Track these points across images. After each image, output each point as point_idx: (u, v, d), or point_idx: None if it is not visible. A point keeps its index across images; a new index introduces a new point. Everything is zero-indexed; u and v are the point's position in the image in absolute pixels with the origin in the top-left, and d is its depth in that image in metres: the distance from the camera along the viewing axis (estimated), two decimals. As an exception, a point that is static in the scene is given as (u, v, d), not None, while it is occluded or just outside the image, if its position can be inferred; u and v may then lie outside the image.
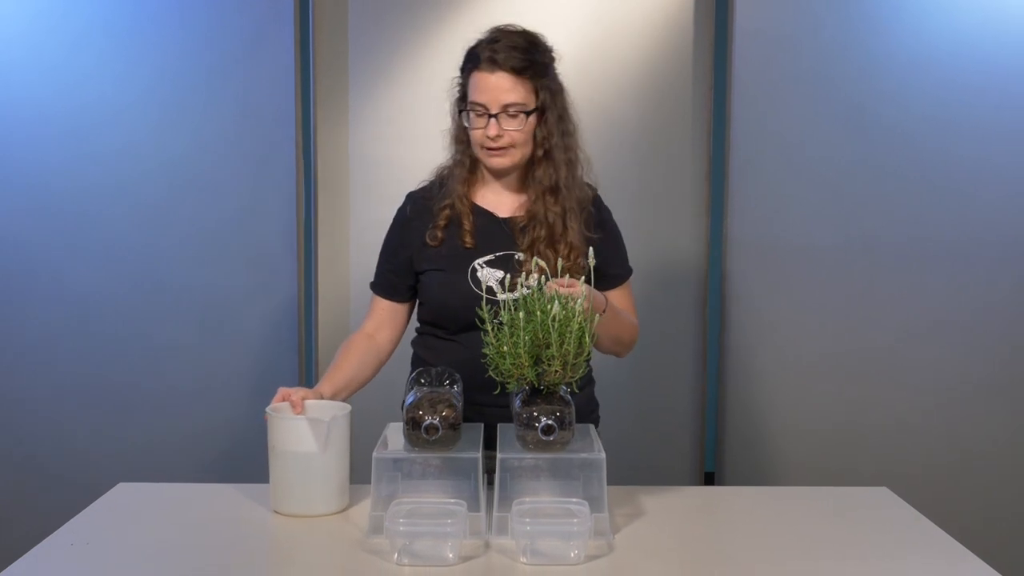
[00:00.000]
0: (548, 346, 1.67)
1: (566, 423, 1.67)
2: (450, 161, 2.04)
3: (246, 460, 2.85)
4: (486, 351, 1.71)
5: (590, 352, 1.70)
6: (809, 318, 2.89)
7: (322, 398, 1.87)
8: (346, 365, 1.97)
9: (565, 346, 1.67)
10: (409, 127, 2.93)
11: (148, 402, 2.95)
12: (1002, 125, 2.78)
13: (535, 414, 1.67)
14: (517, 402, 1.72)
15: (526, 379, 1.69)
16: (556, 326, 1.66)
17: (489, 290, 1.94)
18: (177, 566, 1.59)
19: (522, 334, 1.66)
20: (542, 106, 1.95)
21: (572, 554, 1.58)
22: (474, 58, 1.95)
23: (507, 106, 1.91)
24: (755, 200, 2.91)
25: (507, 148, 1.93)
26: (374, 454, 1.71)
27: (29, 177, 2.89)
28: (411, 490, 1.70)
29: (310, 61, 2.90)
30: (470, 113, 1.94)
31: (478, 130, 1.93)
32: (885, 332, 2.85)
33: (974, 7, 2.77)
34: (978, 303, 2.81)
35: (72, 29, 2.86)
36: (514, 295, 1.88)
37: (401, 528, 1.58)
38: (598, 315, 1.72)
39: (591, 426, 1.84)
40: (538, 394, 1.70)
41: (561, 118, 1.98)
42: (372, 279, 2.10)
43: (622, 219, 2.87)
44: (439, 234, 1.98)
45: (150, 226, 2.91)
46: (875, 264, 2.85)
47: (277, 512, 1.80)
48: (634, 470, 2.87)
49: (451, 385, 1.80)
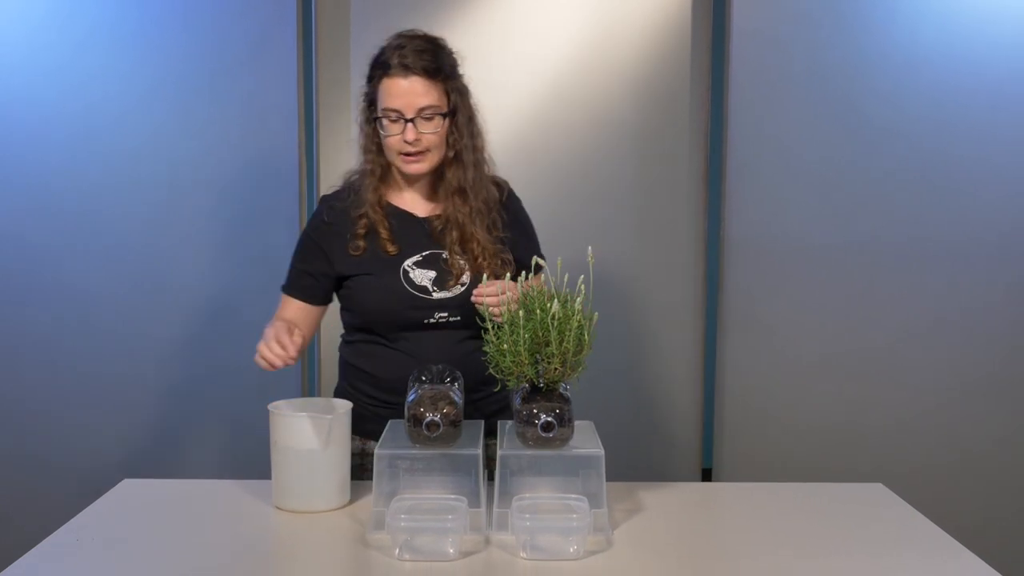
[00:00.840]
0: (548, 344, 1.67)
1: (565, 420, 1.67)
2: (360, 170, 2.00)
3: (249, 457, 2.85)
4: (486, 349, 1.71)
5: (590, 350, 1.70)
6: (805, 317, 2.89)
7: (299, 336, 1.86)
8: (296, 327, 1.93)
9: (565, 344, 1.67)
10: (410, 128, 2.93)
11: (152, 400, 2.95)
12: (997, 125, 2.78)
13: (535, 411, 1.67)
14: (517, 399, 1.72)
15: (526, 377, 1.69)
16: (556, 324, 1.66)
17: (423, 289, 1.94)
18: (181, 561, 1.59)
19: (522, 332, 1.66)
20: (453, 108, 1.94)
21: (571, 549, 1.58)
22: (383, 65, 1.92)
23: (422, 110, 1.89)
24: (752, 200, 2.91)
25: (424, 153, 1.92)
26: (376, 450, 1.70)
27: (34, 177, 2.89)
28: (412, 486, 1.70)
29: (313, 63, 2.90)
30: (382, 121, 1.91)
31: (394, 136, 1.91)
32: (881, 331, 2.85)
33: (968, 9, 2.77)
34: (974, 303, 2.81)
35: (77, 31, 2.86)
36: (449, 294, 1.90)
37: (402, 524, 1.58)
38: (596, 314, 1.72)
39: (591, 423, 1.84)
40: (538, 391, 1.70)
41: (470, 119, 1.98)
42: (284, 282, 2.06)
43: (621, 219, 2.90)
44: (360, 243, 1.95)
45: (154, 226, 2.91)
46: (871, 264, 2.85)
47: (279, 508, 1.80)
48: (633, 467, 2.87)
49: (452, 383, 1.80)
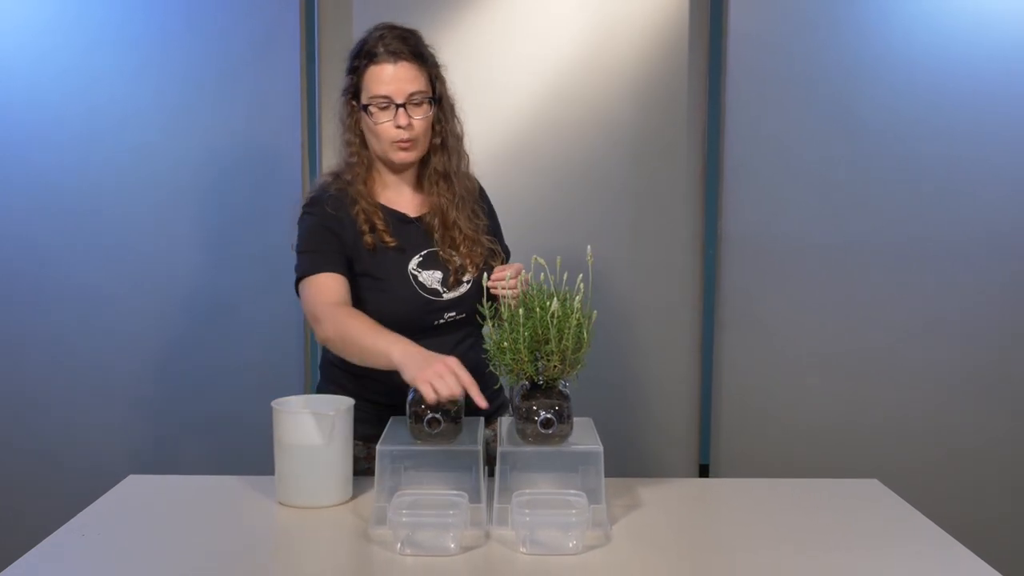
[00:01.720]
0: (547, 342, 1.67)
1: (565, 417, 1.67)
2: (344, 165, 1.95)
3: (252, 453, 2.85)
4: (486, 347, 1.71)
5: (589, 347, 1.70)
6: (801, 315, 2.89)
7: None
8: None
9: (564, 341, 1.66)
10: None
11: (157, 397, 2.95)
12: (991, 126, 2.77)
13: (534, 408, 1.67)
14: (517, 396, 1.72)
15: (526, 374, 1.69)
16: (555, 322, 1.66)
17: (434, 292, 1.92)
18: (185, 556, 1.59)
19: (522, 330, 1.66)
20: (439, 96, 1.92)
21: (570, 544, 1.58)
22: (368, 54, 1.87)
23: (412, 95, 1.85)
24: (749, 200, 2.91)
25: (415, 140, 1.88)
26: (378, 447, 1.70)
27: (40, 177, 2.89)
28: (414, 482, 1.70)
29: (315, 64, 2.90)
30: (370, 110, 1.86)
31: (385, 124, 1.86)
32: (876, 329, 2.85)
33: (962, 12, 2.76)
34: (968, 301, 2.81)
35: (82, 33, 2.86)
36: (457, 293, 1.89)
37: (404, 519, 1.58)
38: (595, 312, 1.72)
39: (590, 420, 1.84)
40: (537, 388, 1.70)
41: (452, 108, 1.96)
42: (303, 271, 1.87)
43: (619, 218, 2.90)
44: (368, 239, 1.88)
45: (159, 225, 2.91)
46: (866, 263, 2.85)
47: (282, 503, 1.80)
48: (631, 462, 2.87)
49: (452, 380, 1.80)
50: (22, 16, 2.85)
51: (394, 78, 1.85)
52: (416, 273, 1.91)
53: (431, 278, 1.92)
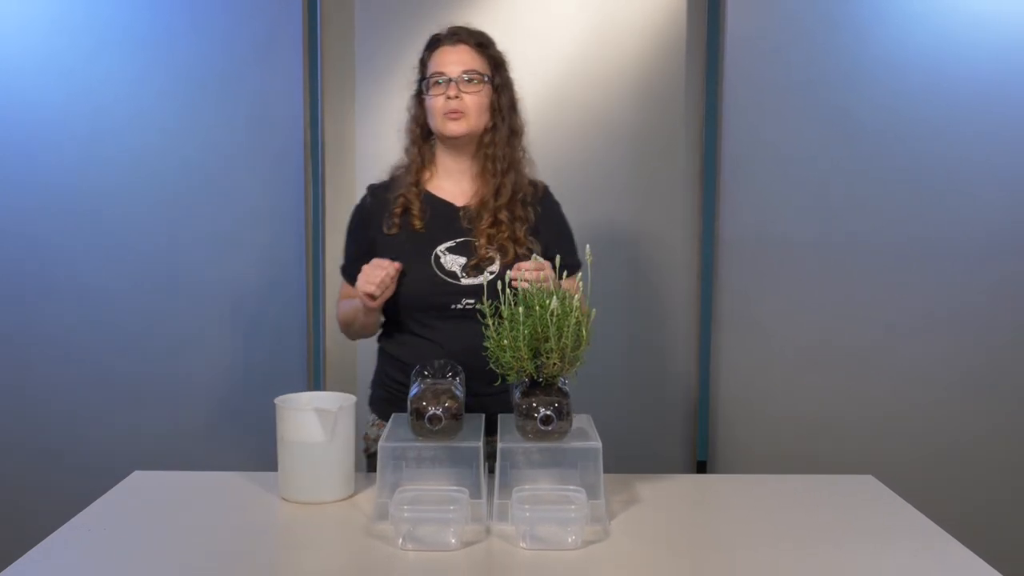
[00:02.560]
0: (547, 339, 1.67)
1: (564, 414, 1.67)
2: (403, 152, 2.08)
3: (256, 449, 2.85)
4: (487, 344, 1.71)
5: (588, 345, 1.70)
6: (797, 313, 2.89)
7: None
8: None
9: (563, 339, 1.66)
10: (413, 129, 2.93)
11: (162, 394, 2.95)
12: (985, 127, 2.77)
13: (534, 405, 1.67)
14: (517, 393, 1.72)
15: (525, 371, 1.69)
16: (554, 320, 1.66)
17: (452, 275, 1.95)
18: (190, 551, 1.59)
19: (521, 328, 1.66)
20: (498, 84, 2.01)
21: (570, 539, 1.58)
22: (435, 42, 2.02)
23: (466, 71, 1.96)
24: (745, 200, 2.91)
25: (463, 113, 1.96)
26: (380, 443, 1.70)
27: (47, 177, 2.89)
28: (415, 478, 1.70)
29: (318, 66, 2.90)
30: (429, 86, 1.98)
31: (438, 97, 1.97)
32: (870, 327, 2.85)
33: (956, 16, 2.76)
34: (959, 299, 2.81)
35: (89, 35, 2.86)
36: (476, 280, 1.90)
37: (405, 514, 1.58)
38: (594, 310, 1.72)
39: (588, 416, 1.84)
40: (537, 386, 1.70)
41: (512, 107, 2.04)
42: (342, 269, 2.12)
43: (618, 218, 2.89)
44: (395, 221, 2.00)
45: (164, 225, 2.91)
46: (860, 261, 2.85)
47: (286, 499, 1.80)
48: (629, 459, 2.87)
49: (453, 377, 1.80)
50: (28, 18, 2.85)
51: (451, 58, 1.98)
52: (440, 255, 1.97)
53: (454, 262, 1.96)
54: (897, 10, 2.78)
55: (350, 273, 2.04)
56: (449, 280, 1.95)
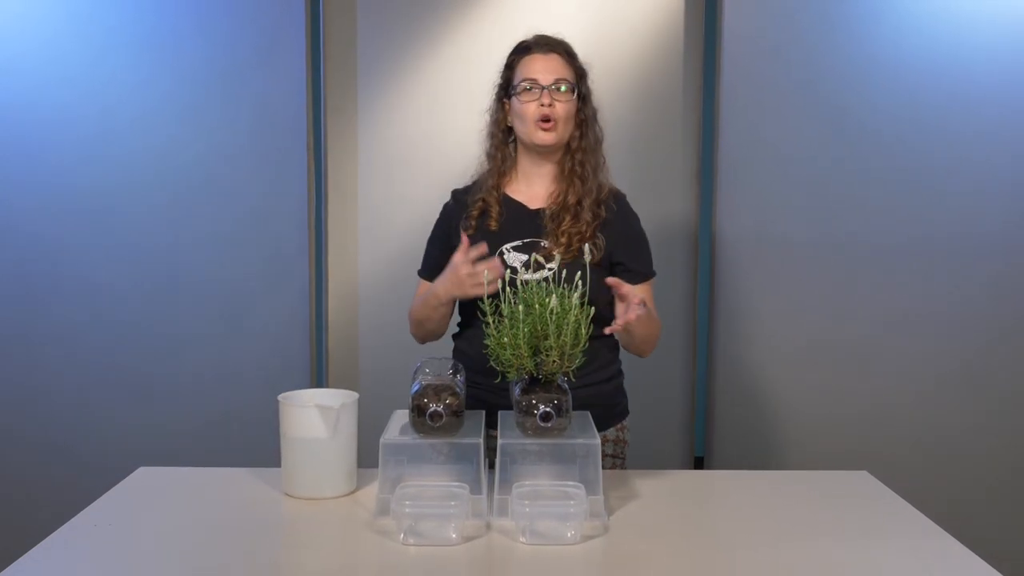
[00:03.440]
0: (546, 337, 1.67)
1: (563, 410, 1.67)
2: (484, 157, 2.08)
3: (260, 445, 2.85)
4: (487, 342, 1.71)
5: (586, 343, 1.70)
6: (793, 310, 2.89)
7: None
8: None
9: (563, 337, 1.66)
10: (415, 131, 2.93)
11: (167, 391, 2.95)
12: (979, 127, 2.77)
13: (534, 402, 1.67)
14: (517, 390, 1.72)
15: (525, 369, 1.69)
16: (554, 318, 1.66)
17: (512, 270, 1.95)
18: (194, 546, 1.59)
19: (521, 326, 1.66)
20: (584, 92, 2.02)
21: (569, 534, 1.58)
22: (524, 49, 2.02)
23: (558, 80, 1.96)
24: (743, 199, 2.91)
25: (555, 123, 1.96)
26: (381, 439, 1.70)
27: (55, 177, 2.89)
28: (416, 474, 1.70)
29: (320, 68, 2.90)
30: (519, 94, 1.97)
31: (531, 103, 1.96)
32: (865, 323, 2.85)
33: (950, 17, 2.76)
34: (952, 296, 2.81)
35: (95, 39, 2.86)
36: (533, 276, 1.90)
37: (407, 510, 1.58)
38: (593, 309, 1.72)
39: (587, 413, 1.84)
40: (537, 383, 1.70)
41: (595, 116, 2.07)
42: (420, 270, 2.14)
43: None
44: (472, 223, 2.02)
45: (169, 224, 2.91)
46: (855, 259, 2.84)
47: (289, 495, 1.80)
48: (628, 455, 2.87)
49: (454, 374, 1.80)
50: (36, 22, 2.85)
51: (543, 66, 1.98)
52: (506, 251, 1.98)
53: (516, 259, 1.98)
54: (892, 10, 2.78)
55: (428, 273, 2.09)
56: (510, 275, 1.94)
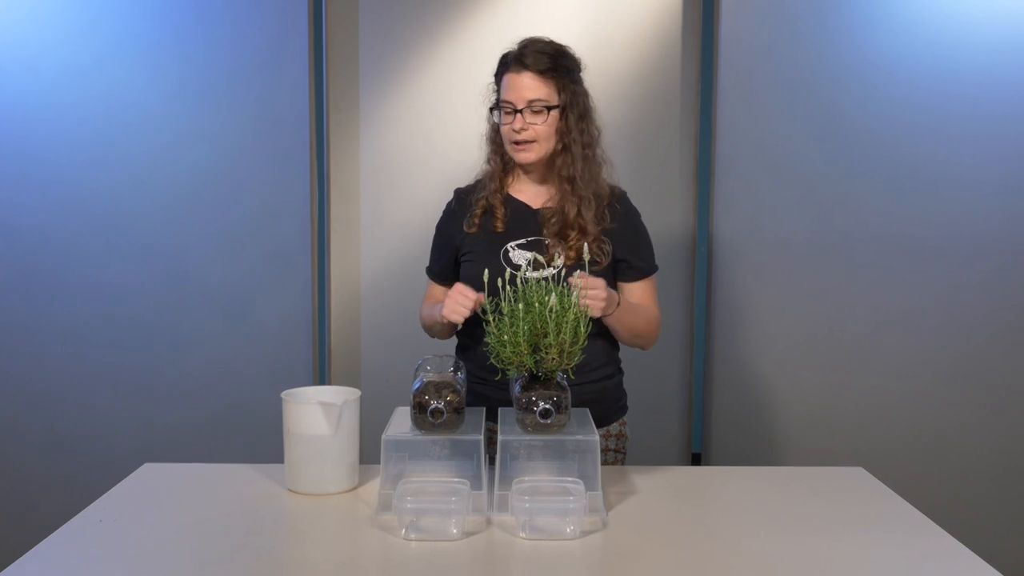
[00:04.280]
0: (546, 335, 1.67)
1: (562, 407, 1.67)
2: (485, 161, 2.10)
3: (263, 442, 2.85)
4: (487, 339, 1.71)
5: (585, 341, 1.70)
6: (789, 308, 2.89)
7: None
8: None
9: (562, 335, 1.66)
10: (416, 131, 2.93)
11: (172, 388, 2.95)
12: (970, 128, 2.76)
13: (533, 399, 1.67)
14: (517, 387, 1.72)
15: (525, 366, 1.69)
16: (553, 316, 1.66)
17: (517, 268, 1.96)
18: (199, 541, 1.59)
19: (521, 324, 1.66)
20: (564, 104, 1.98)
21: (568, 530, 1.58)
22: (505, 63, 2.01)
23: (531, 102, 1.95)
24: (739, 198, 2.91)
25: (531, 143, 1.97)
26: (383, 436, 1.70)
27: (63, 177, 2.89)
28: (417, 470, 1.70)
29: (323, 70, 2.90)
30: (501, 112, 1.99)
31: (507, 126, 1.98)
32: (860, 321, 2.85)
33: (942, 20, 2.75)
34: (945, 294, 2.80)
35: (102, 41, 2.86)
36: (537, 274, 1.90)
37: (408, 505, 1.58)
38: (590, 308, 1.72)
39: (586, 410, 1.84)
40: (536, 380, 1.70)
41: (582, 117, 2.02)
42: (428, 271, 2.16)
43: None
44: (475, 221, 2.04)
45: (174, 224, 2.92)
46: (850, 258, 2.84)
47: (292, 490, 1.80)
48: (626, 451, 2.87)
49: (455, 372, 1.80)
50: (43, 25, 2.85)
51: (516, 86, 1.96)
52: (510, 250, 1.99)
53: (520, 256, 1.99)
54: (886, 12, 2.77)
55: (434, 273, 2.13)
56: (514, 273, 1.93)
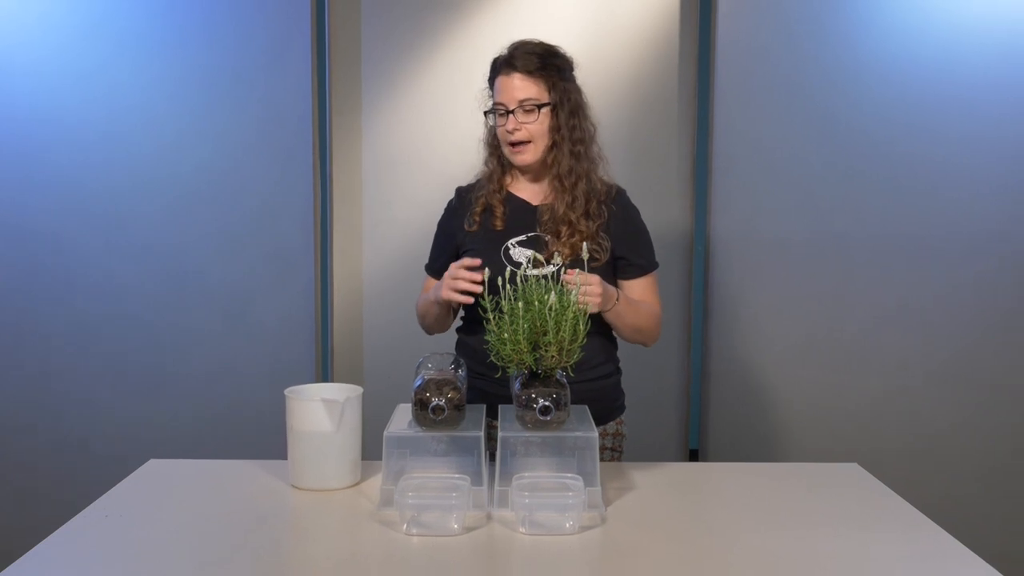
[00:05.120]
0: (545, 333, 1.67)
1: (562, 404, 1.67)
2: (483, 164, 2.11)
3: (266, 438, 2.85)
4: (487, 338, 1.71)
5: (584, 339, 1.69)
6: (785, 307, 2.89)
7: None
8: None
9: (561, 333, 1.66)
10: (418, 132, 2.93)
11: (177, 385, 2.95)
12: (963, 128, 2.76)
13: (533, 396, 1.67)
14: (517, 385, 1.72)
15: (525, 364, 1.69)
16: (552, 314, 1.66)
17: (517, 265, 1.96)
18: (203, 536, 1.59)
19: (521, 322, 1.66)
20: (555, 102, 1.97)
21: (567, 525, 1.58)
22: (496, 67, 2.02)
23: (522, 102, 1.96)
24: (736, 198, 2.91)
25: (526, 143, 1.98)
26: (385, 432, 1.70)
27: (66, 177, 2.89)
28: (419, 466, 1.70)
29: (326, 71, 2.89)
30: (495, 115, 2.00)
31: (501, 128, 1.99)
32: (855, 320, 2.85)
33: (936, 22, 2.75)
34: (940, 293, 2.80)
35: (105, 42, 2.86)
36: (536, 271, 1.90)
37: (410, 501, 1.58)
38: (589, 307, 1.72)
39: (585, 407, 1.84)
40: (536, 377, 1.70)
41: (573, 114, 2.01)
42: (427, 266, 2.16)
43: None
44: (476, 219, 2.04)
45: (177, 223, 2.91)
46: (845, 257, 2.84)
47: (295, 486, 1.80)
48: (625, 447, 2.87)
49: (456, 369, 1.80)
50: (47, 26, 2.84)
51: (507, 88, 1.97)
52: (511, 247, 1.99)
53: (521, 254, 1.99)
54: (882, 14, 2.77)
55: (433, 270, 2.12)
56: (514, 270, 1.93)
